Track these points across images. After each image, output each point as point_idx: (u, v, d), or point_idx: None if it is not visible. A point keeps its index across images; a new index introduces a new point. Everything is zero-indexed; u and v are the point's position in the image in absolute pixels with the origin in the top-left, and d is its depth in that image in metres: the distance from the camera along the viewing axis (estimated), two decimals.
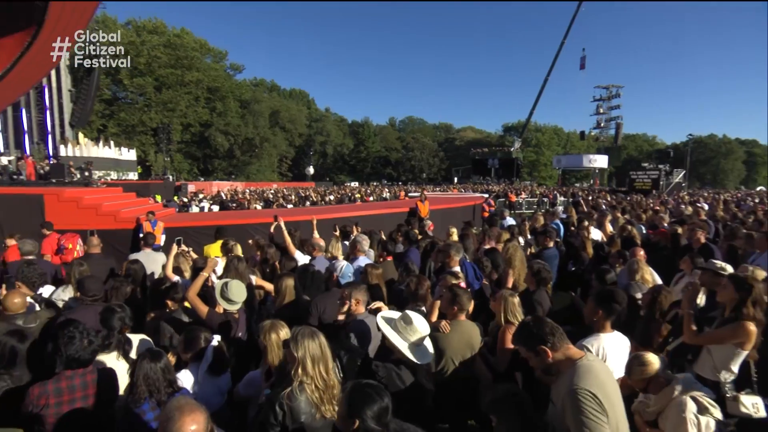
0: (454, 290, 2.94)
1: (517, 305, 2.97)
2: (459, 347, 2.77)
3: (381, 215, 12.16)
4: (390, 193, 30.41)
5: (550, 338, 1.86)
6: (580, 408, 1.65)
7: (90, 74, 28.07)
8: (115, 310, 2.76)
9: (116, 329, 2.72)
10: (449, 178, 78.87)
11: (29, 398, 2.14)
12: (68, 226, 8.61)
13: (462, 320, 2.90)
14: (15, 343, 2.40)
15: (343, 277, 3.54)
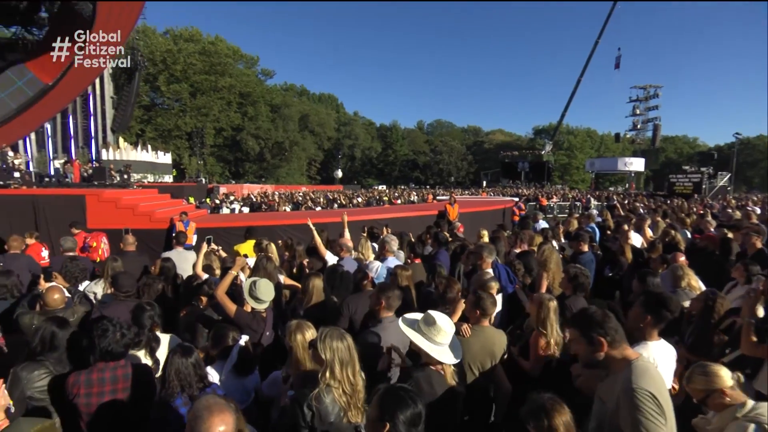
0: (478, 293, 2.83)
1: (553, 311, 2.81)
2: (479, 354, 2.63)
3: (409, 218, 12.07)
4: (418, 196, 30.25)
5: (611, 332, 1.78)
6: (640, 408, 1.61)
7: (131, 82, 29.41)
8: (146, 308, 2.79)
9: (146, 327, 2.76)
10: (478, 182, 77.86)
11: (66, 386, 2.23)
12: (107, 225, 8.97)
13: (485, 326, 2.77)
14: (55, 329, 2.44)
15: (379, 278, 3.48)
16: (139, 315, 2.77)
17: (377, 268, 3.47)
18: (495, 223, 16.09)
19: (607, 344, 1.77)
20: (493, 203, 18.04)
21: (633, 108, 62.12)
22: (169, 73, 48.89)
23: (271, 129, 57.62)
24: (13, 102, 22.93)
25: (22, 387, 2.31)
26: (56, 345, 2.42)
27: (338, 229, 10.27)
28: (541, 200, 25.92)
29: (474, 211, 14.83)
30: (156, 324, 2.85)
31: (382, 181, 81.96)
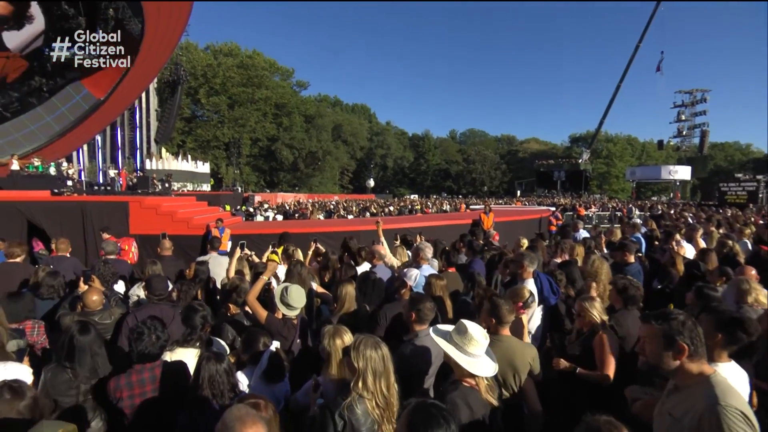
0: (493, 300, 2.60)
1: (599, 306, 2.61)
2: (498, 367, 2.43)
3: (442, 227, 11.88)
4: (450, 205, 29.88)
5: (696, 343, 1.61)
6: (732, 429, 1.43)
7: (173, 95, 30.91)
8: (197, 308, 2.78)
9: (198, 327, 2.74)
10: (512, 191, 76.37)
11: (108, 391, 2.30)
12: (147, 231, 9.30)
13: (504, 335, 2.55)
14: (75, 334, 2.44)
15: (417, 287, 3.32)
16: (190, 315, 2.76)
17: (415, 276, 3.32)
18: (530, 232, 15.68)
19: (688, 353, 1.59)
20: (529, 212, 17.54)
21: (678, 114, 59.24)
22: (209, 86, 51.03)
23: (305, 139, 58.86)
24: (71, 115, 24.56)
25: (46, 389, 2.36)
26: (75, 350, 2.41)
27: (371, 237, 10.27)
28: (579, 210, 24.94)
29: (509, 221, 14.46)
30: (208, 324, 2.84)
31: (414, 191, 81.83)
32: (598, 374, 2.58)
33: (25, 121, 23.60)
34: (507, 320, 2.54)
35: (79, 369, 2.42)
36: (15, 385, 1.75)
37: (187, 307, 2.80)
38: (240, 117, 52.63)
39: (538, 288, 3.45)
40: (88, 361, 2.42)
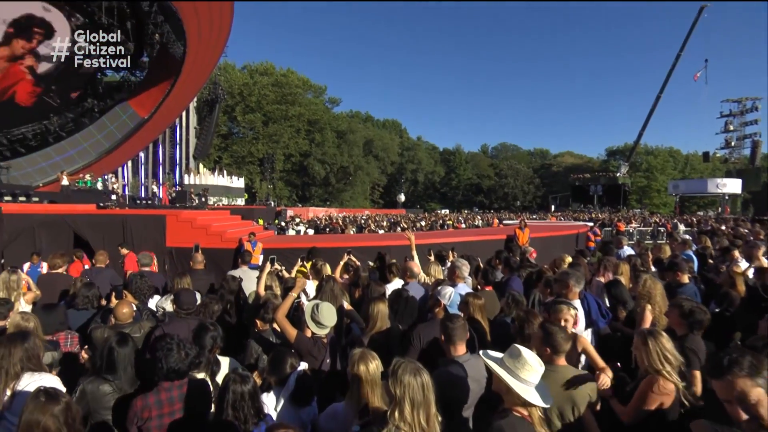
0: (546, 327, 2.35)
1: (668, 345, 2.29)
2: (556, 399, 2.13)
3: (474, 242, 11.54)
4: (483, 220, 29.30)
5: None
6: None
7: (211, 113, 32.23)
8: (208, 328, 2.70)
9: (207, 348, 2.66)
10: (546, 206, 74.44)
11: (133, 410, 2.18)
12: (183, 244, 9.51)
13: (560, 365, 2.29)
14: (113, 345, 2.42)
15: (452, 306, 3.10)
16: (201, 335, 2.68)
17: (450, 294, 3.11)
18: (567, 249, 15.02)
19: None
20: (566, 228, 16.88)
21: (725, 124, 56.13)
22: (245, 104, 52.96)
23: (337, 154, 59.79)
24: (119, 133, 26.05)
25: (87, 401, 2.33)
26: (114, 362, 2.40)
27: (403, 252, 10.09)
28: (619, 225, 23.86)
29: (545, 236, 13.89)
30: (217, 346, 2.75)
31: (445, 206, 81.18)
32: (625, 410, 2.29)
33: (79, 139, 25.18)
34: (563, 349, 2.28)
35: (120, 381, 2.40)
36: (51, 390, 1.78)
37: (198, 326, 2.72)
38: (274, 133, 54.15)
39: (585, 310, 3.16)
40: (130, 372, 2.40)
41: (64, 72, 22.41)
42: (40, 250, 9.70)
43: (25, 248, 9.64)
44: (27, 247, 9.65)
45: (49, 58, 21.24)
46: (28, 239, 9.65)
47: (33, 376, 2.04)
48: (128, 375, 2.44)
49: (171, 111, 28.17)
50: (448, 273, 3.97)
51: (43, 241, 9.69)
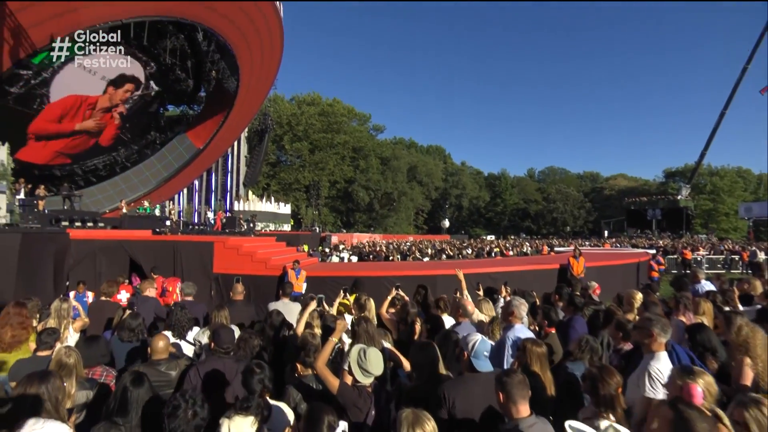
0: (680, 410, 1.63)
1: None
2: None
3: (525, 272, 10.88)
4: (531, 247, 27.98)
5: None
6: None
7: (261, 142, 33.72)
8: (255, 370, 2.50)
9: (256, 392, 2.45)
10: (598, 231, 70.65)
11: None
12: (229, 270, 9.65)
13: None
14: (127, 385, 2.28)
15: (477, 357, 2.58)
16: (248, 378, 2.48)
17: (475, 343, 2.59)
18: (628, 280, 13.82)
19: None
20: (624, 256, 15.66)
21: None
22: (292, 133, 55.09)
23: (381, 180, 60.33)
24: (175, 163, 27.86)
25: None
26: (127, 402, 2.24)
27: (448, 283, 9.64)
28: (685, 253, 21.89)
29: (601, 266, 12.89)
30: (266, 389, 2.53)
31: (491, 231, 79.23)
32: None
33: (142, 169, 27.15)
34: None
35: (131, 424, 2.23)
36: None
37: (246, 368, 2.52)
38: (320, 161, 55.69)
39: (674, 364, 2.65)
40: (137, 421, 2.24)
41: (136, 111, 24.64)
42: (99, 274, 10.26)
43: (88, 272, 10.19)
44: (89, 270, 10.19)
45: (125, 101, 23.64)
46: (90, 263, 10.18)
47: (36, 423, 1.87)
48: (135, 422, 2.28)
49: (224, 141, 29.82)
50: (503, 312, 3.54)
51: (103, 265, 10.19)
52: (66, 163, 23.49)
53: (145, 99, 24.68)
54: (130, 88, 22.22)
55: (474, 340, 2.56)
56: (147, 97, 24.65)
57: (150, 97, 24.85)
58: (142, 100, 24.54)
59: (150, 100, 25.22)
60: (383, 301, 4.46)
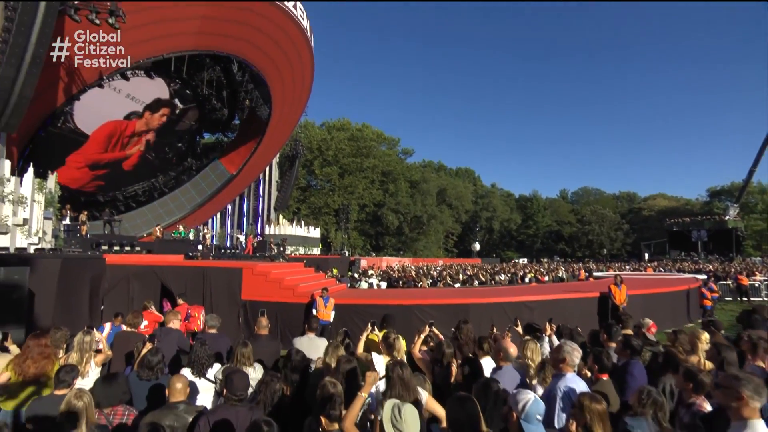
0: None
1: None
2: None
3: (563, 301, 10.24)
4: (567, 272, 26.71)
5: None
6: None
7: (292, 167, 34.44)
8: (262, 427, 2.25)
9: None
10: (638, 254, 67.32)
11: None
12: (257, 297, 9.56)
13: None
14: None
15: (528, 420, 2.20)
16: None
17: (527, 403, 2.20)
18: (677, 311, 12.77)
19: None
20: (671, 282, 14.58)
21: None
22: (322, 158, 56.07)
23: (410, 204, 60.12)
24: (209, 189, 28.79)
25: None
26: None
27: (482, 312, 9.17)
28: (740, 279, 20.23)
29: (646, 294, 12.01)
30: None
31: (523, 254, 77.08)
32: None
33: (178, 194, 28.16)
34: None
35: None
36: None
37: (252, 425, 2.25)
38: (349, 185, 56.22)
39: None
40: None
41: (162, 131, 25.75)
42: (132, 299, 10.41)
43: (121, 296, 10.37)
44: (122, 295, 10.37)
45: None
46: (123, 288, 10.37)
47: None
48: None
49: (256, 167, 30.65)
50: (552, 358, 3.11)
51: (136, 290, 10.35)
52: (100, 185, 24.51)
53: (171, 118, 25.63)
54: (166, 112, 23.09)
55: (525, 399, 2.20)
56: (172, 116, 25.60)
57: (176, 116, 25.77)
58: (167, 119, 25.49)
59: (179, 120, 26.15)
60: (415, 338, 4.12)
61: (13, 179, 12.17)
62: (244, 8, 18.48)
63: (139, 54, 17.60)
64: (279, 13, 19.75)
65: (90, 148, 21.56)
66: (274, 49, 21.78)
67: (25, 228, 12.37)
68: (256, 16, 19.16)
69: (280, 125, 27.74)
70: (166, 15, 16.65)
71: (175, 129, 26.70)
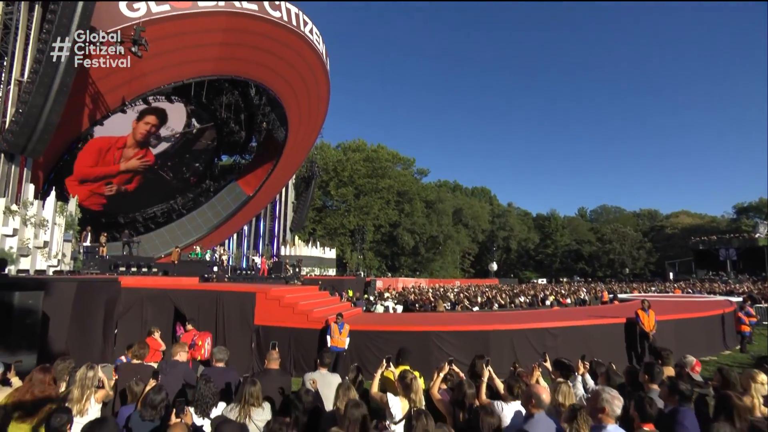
0: None
1: None
2: None
3: (587, 328, 9.68)
4: (589, 293, 25.75)
5: None
6: None
7: (308, 188, 34.63)
8: None
9: None
10: (661, 273, 65.01)
11: None
12: (271, 322, 9.33)
13: None
14: None
15: None
16: None
17: None
18: (712, 338, 11.97)
19: None
20: (704, 306, 13.76)
21: None
22: (338, 179, 56.35)
23: (426, 224, 59.60)
24: (225, 211, 29.08)
25: None
26: None
27: (503, 340, 8.73)
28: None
29: (677, 319, 11.29)
30: None
31: (541, 274, 75.37)
32: None
33: (195, 216, 28.51)
34: None
35: None
36: None
37: None
38: (365, 205, 56.14)
39: None
40: None
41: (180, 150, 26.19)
42: (145, 322, 10.30)
43: (135, 320, 10.26)
44: (136, 318, 10.27)
45: (167, 138, 24.96)
46: (137, 311, 10.27)
47: None
48: None
49: (272, 188, 30.93)
50: (589, 406, 2.75)
51: (149, 314, 10.24)
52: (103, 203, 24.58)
53: (187, 137, 25.94)
54: (151, 120, 22.66)
55: None
56: (189, 135, 25.90)
57: (192, 135, 26.07)
58: (184, 138, 25.78)
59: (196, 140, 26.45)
60: (434, 376, 3.80)
61: (36, 202, 12.42)
62: (262, 34, 18.94)
63: (161, 80, 18.14)
64: (295, 39, 20.18)
65: (80, 162, 20.90)
66: (291, 73, 22.19)
67: (45, 250, 12.54)
68: (273, 41, 19.61)
69: (296, 147, 28.06)
70: (187, 42, 17.15)
71: (192, 149, 27.22)
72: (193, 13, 16.18)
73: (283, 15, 18.70)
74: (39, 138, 12.93)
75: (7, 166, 13.24)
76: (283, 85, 22.56)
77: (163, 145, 25.17)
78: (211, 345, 6.88)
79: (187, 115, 24.24)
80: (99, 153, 21.89)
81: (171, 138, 25.11)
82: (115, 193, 24.62)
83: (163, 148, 25.36)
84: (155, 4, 15.23)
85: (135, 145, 23.36)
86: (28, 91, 12.61)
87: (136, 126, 22.28)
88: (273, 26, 18.72)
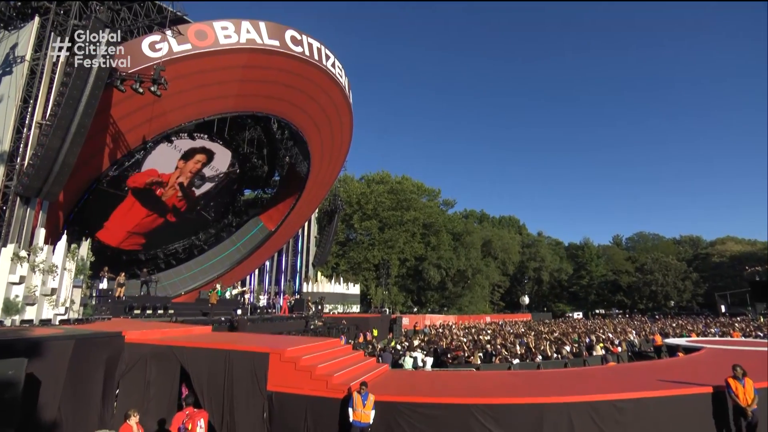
0: None
1: None
2: None
3: (663, 400, 7.86)
4: (639, 336, 23.11)
5: None
6: None
7: (331, 222, 33.89)
8: None
9: None
10: (711, 306, 60.14)
11: None
12: (285, 388, 8.11)
13: None
14: None
15: None
16: None
17: None
18: None
19: None
20: None
21: None
22: (362, 212, 55.42)
23: (453, 258, 57.30)
24: (247, 247, 28.48)
25: None
26: None
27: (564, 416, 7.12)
28: None
29: None
30: None
31: (576, 307, 71.38)
32: None
33: (216, 251, 27.99)
34: None
35: None
36: None
37: None
38: (389, 239, 54.57)
39: None
40: None
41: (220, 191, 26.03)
42: (148, 383, 9.27)
43: (138, 380, 9.21)
44: (139, 379, 9.22)
45: (211, 179, 24.88)
46: (140, 370, 9.27)
47: None
48: None
49: (295, 223, 30.30)
50: None
51: (153, 373, 9.22)
52: (141, 243, 24.49)
53: (231, 177, 25.82)
54: (201, 159, 22.95)
55: None
56: (233, 174, 25.78)
57: (236, 175, 26.00)
58: (228, 178, 25.66)
59: (231, 182, 26.43)
60: None
61: (46, 248, 11.86)
62: (284, 70, 18.64)
63: (182, 118, 17.91)
64: (317, 73, 19.83)
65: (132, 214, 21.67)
66: (313, 107, 21.80)
67: (53, 298, 11.87)
68: (295, 76, 19.28)
69: (318, 181, 27.50)
70: (208, 80, 16.93)
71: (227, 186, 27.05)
72: (214, 51, 15.99)
73: (305, 49, 18.38)
74: (55, 180, 12.56)
75: (22, 210, 12.87)
76: (306, 120, 22.17)
77: (207, 185, 25.07)
78: (205, 428, 5.74)
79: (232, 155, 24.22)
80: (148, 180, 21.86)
81: (215, 178, 25.02)
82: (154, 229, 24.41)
83: (206, 189, 25.25)
84: (177, 44, 15.08)
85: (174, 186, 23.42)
86: (46, 134, 12.36)
87: (185, 165, 22.55)
88: (295, 61, 18.40)
